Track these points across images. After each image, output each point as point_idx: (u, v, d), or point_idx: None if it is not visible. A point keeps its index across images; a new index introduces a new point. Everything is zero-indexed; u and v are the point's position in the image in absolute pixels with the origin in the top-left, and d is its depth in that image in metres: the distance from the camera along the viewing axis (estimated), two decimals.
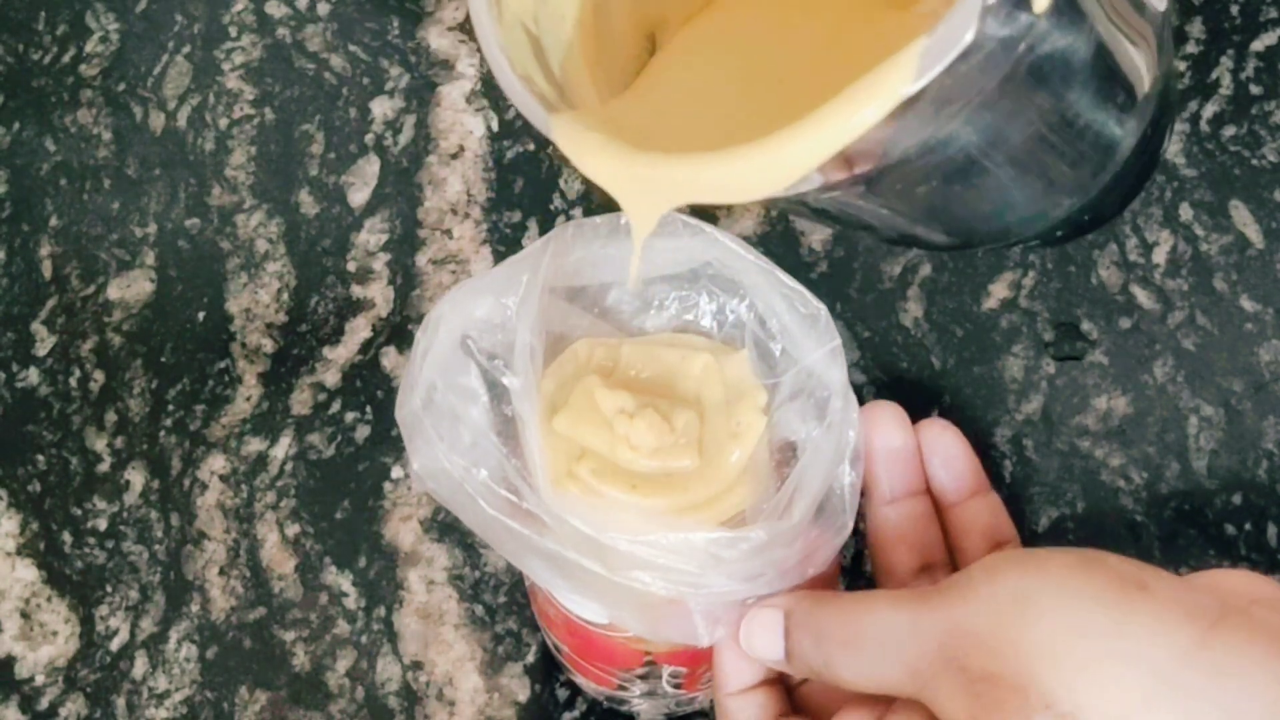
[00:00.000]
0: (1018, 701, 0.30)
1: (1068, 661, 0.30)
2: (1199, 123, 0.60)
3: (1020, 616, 0.31)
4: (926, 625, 0.33)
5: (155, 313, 0.58)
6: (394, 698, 0.51)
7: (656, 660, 0.44)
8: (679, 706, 0.49)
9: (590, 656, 0.45)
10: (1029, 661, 0.30)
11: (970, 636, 0.32)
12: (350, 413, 0.56)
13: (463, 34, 0.63)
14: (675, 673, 0.45)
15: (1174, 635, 0.30)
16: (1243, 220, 0.58)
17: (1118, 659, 0.30)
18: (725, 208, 0.59)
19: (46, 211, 0.60)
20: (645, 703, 0.49)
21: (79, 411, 0.56)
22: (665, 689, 0.46)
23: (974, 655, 0.31)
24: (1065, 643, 0.30)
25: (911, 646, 0.33)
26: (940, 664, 0.32)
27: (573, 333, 0.41)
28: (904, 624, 0.33)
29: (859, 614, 0.35)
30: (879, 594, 0.35)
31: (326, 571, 0.53)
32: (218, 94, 0.63)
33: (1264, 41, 0.62)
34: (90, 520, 0.54)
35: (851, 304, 0.57)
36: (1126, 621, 0.30)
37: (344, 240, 0.59)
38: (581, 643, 0.44)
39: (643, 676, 0.46)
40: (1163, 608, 0.30)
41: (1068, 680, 0.30)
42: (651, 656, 0.44)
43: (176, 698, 0.51)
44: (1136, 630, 0.30)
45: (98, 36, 0.64)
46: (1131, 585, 0.31)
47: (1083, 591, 0.31)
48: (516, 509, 0.36)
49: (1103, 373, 0.55)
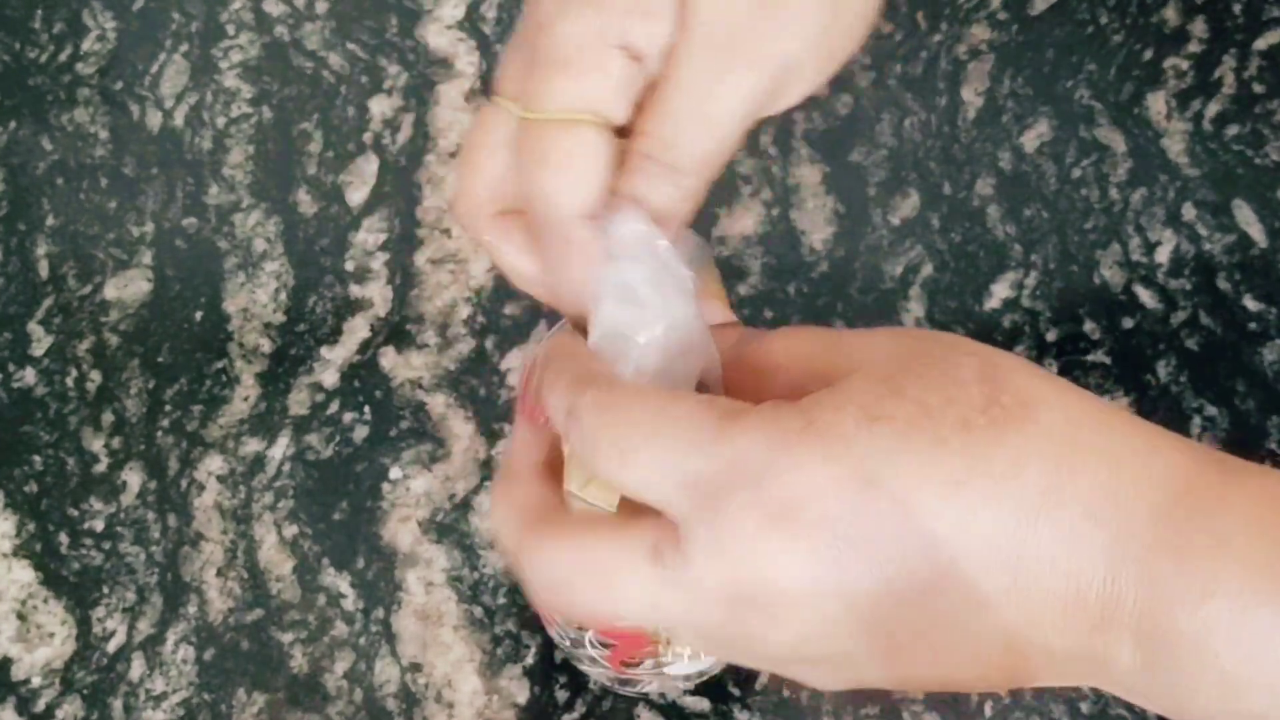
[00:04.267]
0: (943, 349, 0.33)
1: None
2: (1202, 122, 0.60)
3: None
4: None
5: (152, 312, 0.58)
6: (392, 699, 0.51)
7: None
8: (624, 685, 0.50)
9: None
10: (959, 338, 0.34)
11: (912, 329, 0.36)
12: (348, 413, 0.56)
13: (461, 32, 0.63)
14: (598, 638, 0.46)
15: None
16: (1246, 220, 0.58)
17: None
18: (725, 206, 0.59)
19: (43, 211, 0.60)
20: (593, 668, 0.49)
21: (76, 412, 0.56)
22: (592, 653, 0.47)
23: (913, 332, 0.34)
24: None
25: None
26: (872, 332, 0.34)
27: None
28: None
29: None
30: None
31: (324, 573, 0.53)
32: (215, 92, 0.62)
33: (1267, 40, 0.62)
34: (87, 521, 0.54)
35: (853, 304, 0.57)
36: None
37: (342, 239, 0.59)
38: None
39: (575, 641, 0.47)
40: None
41: (987, 346, 0.34)
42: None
43: (174, 699, 0.51)
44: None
45: (95, 35, 0.64)
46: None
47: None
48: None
49: (1105, 373, 0.55)
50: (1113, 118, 0.60)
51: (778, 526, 0.31)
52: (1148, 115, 0.60)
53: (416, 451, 0.55)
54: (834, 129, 0.61)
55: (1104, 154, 0.60)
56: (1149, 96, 0.61)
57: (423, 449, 0.55)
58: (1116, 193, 0.59)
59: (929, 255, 0.58)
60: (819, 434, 0.31)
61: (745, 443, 0.31)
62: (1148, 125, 0.60)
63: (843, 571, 0.31)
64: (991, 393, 0.31)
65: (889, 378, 0.32)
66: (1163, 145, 0.60)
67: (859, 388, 0.32)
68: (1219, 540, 0.30)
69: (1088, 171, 0.59)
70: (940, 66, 0.62)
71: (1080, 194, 0.59)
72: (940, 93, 0.61)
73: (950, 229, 0.59)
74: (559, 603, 0.35)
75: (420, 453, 0.55)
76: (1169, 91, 0.61)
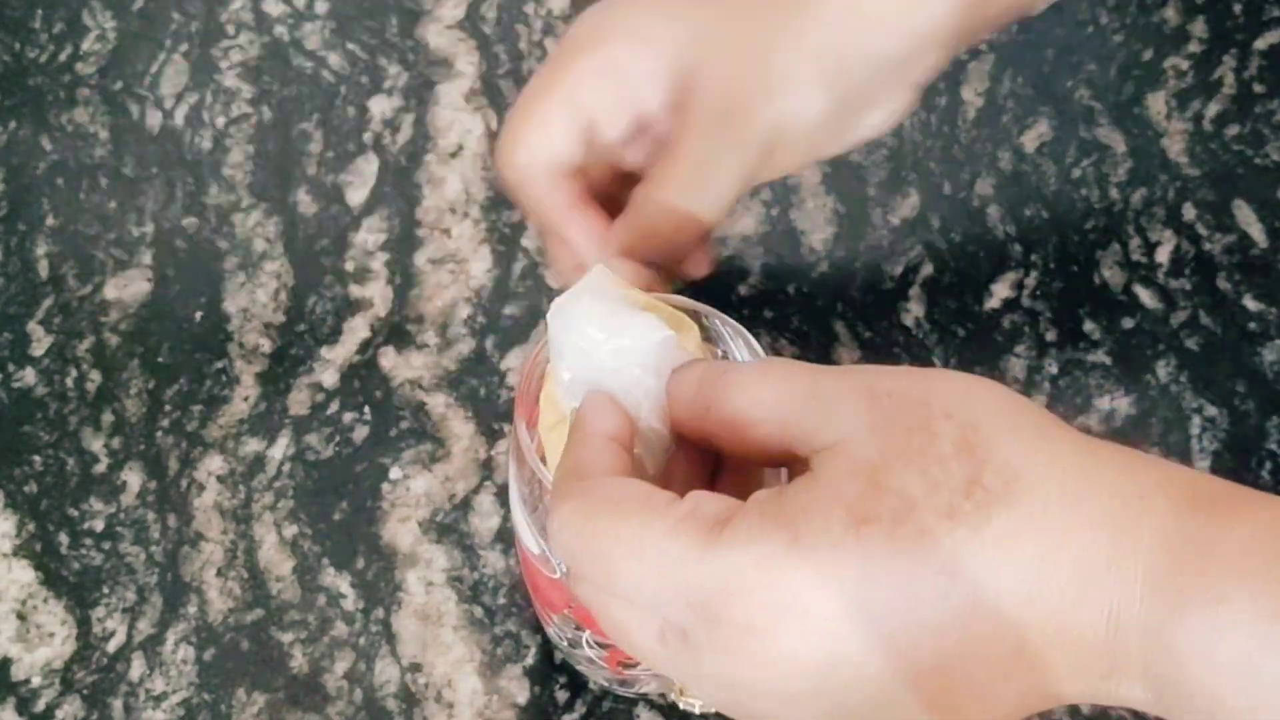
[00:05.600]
0: (921, 412, 0.32)
1: (962, 380, 0.34)
2: (1202, 122, 0.60)
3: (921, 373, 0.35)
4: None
5: (152, 312, 0.58)
6: (392, 700, 0.51)
7: (574, 615, 0.46)
8: (623, 686, 0.50)
9: (535, 590, 0.48)
10: (929, 381, 0.34)
11: (875, 371, 0.35)
12: (348, 413, 0.56)
13: (461, 32, 0.63)
14: (595, 639, 0.47)
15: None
16: (1246, 220, 0.58)
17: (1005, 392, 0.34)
18: None
19: (43, 211, 0.60)
20: (591, 669, 0.50)
21: (75, 412, 0.56)
22: (589, 653, 0.48)
23: (880, 380, 0.34)
24: (961, 377, 0.35)
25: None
26: (848, 389, 0.34)
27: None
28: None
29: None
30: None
31: (324, 573, 0.53)
32: (215, 92, 0.62)
33: (1267, 40, 0.62)
34: (87, 521, 0.54)
35: (853, 304, 0.57)
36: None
37: (342, 239, 0.59)
38: (528, 573, 0.47)
39: (572, 642, 0.48)
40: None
41: (963, 394, 0.33)
42: (570, 610, 0.46)
43: (174, 699, 0.51)
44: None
45: (95, 35, 0.64)
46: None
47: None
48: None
49: (1105, 373, 0.55)
50: (1113, 118, 0.60)
51: (781, 633, 0.32)
52: (1148, 115, 0.60)
53: (416, 451, 0.55)
54: None
55: (1104, 154, 0.60)
56: (1149, 96, 0.61)
57: (423, 449, 0.55)
58: (1116, 193, 0.59)
59: (929, 255, 0.58)
60: (808, 549, 0.31)
61: (735, 562, 0.32)
62: (1148, 125, 0.60)
63: (864, 654, 0.31)
64: (974, 471, 0.32)
65: (870, 470, 0.32)
66: (1163, 145, 0.60)
67: (841, 486, 0.32)
68: (1216, 597, 0.30)
69: (1088, 171, 0.59)
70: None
71: (1080, 194, 0.59)
72: (940, 93, 0.61)
73: (950, 229, 0.59)
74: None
75: (420, 453, 0.55)
76: (1169, 91, 0.61)
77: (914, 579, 0.31)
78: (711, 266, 0.48)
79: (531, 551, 0.44)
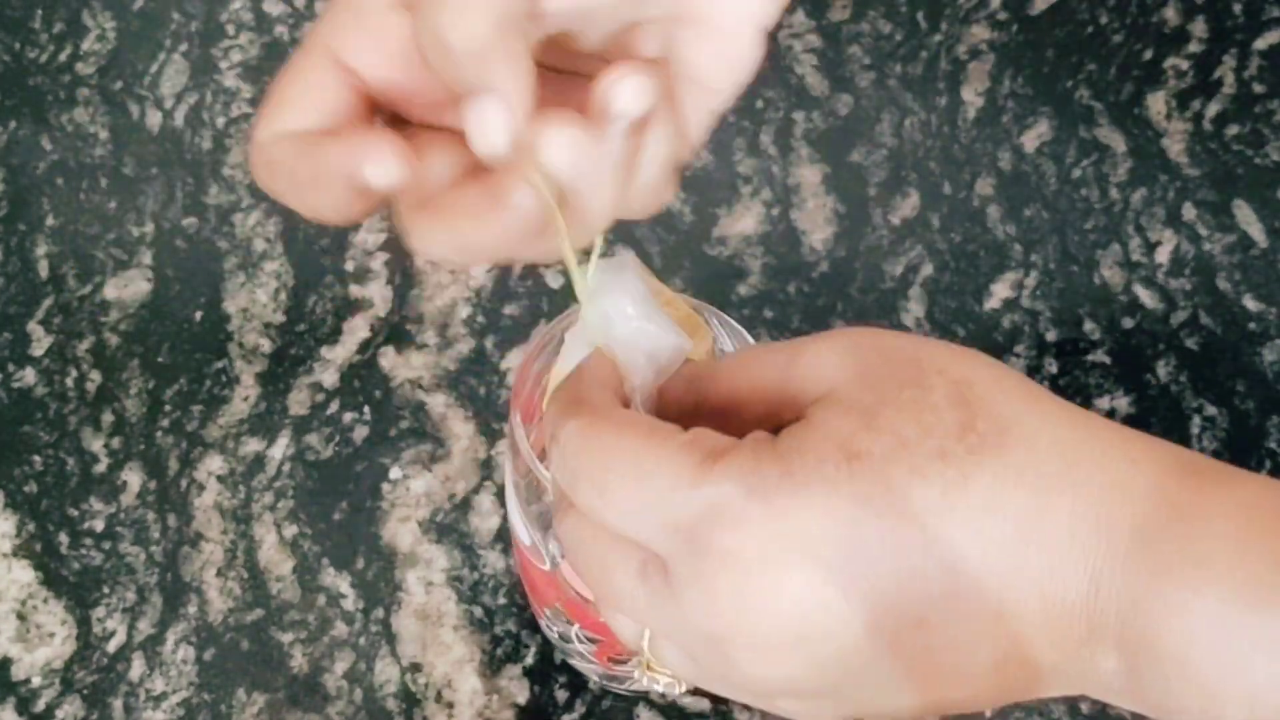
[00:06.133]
0: (912, 369, 0.32)
1: (951, 345, 0.34)
2: (1202, 122, 0.60)
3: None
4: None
5: (152, 312, 0.58)
6: (392, 699, 0.51)
7: (565, 609, 0.46)
8: (613, 682, 0.50)
9: (528, 584, 0.48)
10: (916, 342, 0.34)
11: (858, 330, 0.35)
12: (348, 413, 0.56)
13: None
14: (585, 633, 0.47)
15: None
16: (1246, 219, 0.58)
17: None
18: (725, 206, 0.59)
19: (43, 211, 0.60)
20: (584, 664, 0.50)
21: (75, 412, 0.56)
22: (580, 648, 0.48)
23: (865, 337, 0.34)
24: (948, 343, 0.34)
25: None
26: (833, 346, 0.34)
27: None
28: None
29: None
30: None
31: (324, 573, 0.53)
32: (215, 92, 0.62)
33: (1267, 40, 0.62)
34: (87, 521, 0.54)
35: (853, 304, 0.57)
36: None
37: (342, 239, 0.59)
38: (522, 566, 0.47)
39: (563, 636, 0.48)
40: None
41: (954, 355, 0.33)
42: (560, 604, 0.46)
43: (174, 699, 0.51)
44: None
45: (94, 35, 0.64)
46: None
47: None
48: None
49: (1105, 372, 0.55)
50: (1113, 118, 0.60)
51: (765, 570, 0.31)
52: (1148, 115, 0.60)
53: (416, 451, 0.55)
54: (834, 129, 0.61)
55: (1104, 154, 0.60)
56: (1149, 96, 0.61)
57: (423, 449, 0.55)
58: (1116, 193, 0.59)
59: (929, 255, 0.58)
60: (800, 483, 0.31)
61: (725, 489, 0.32)
62: (1148, 125, 0.60)
63: (845, 601, 0.31)
64: (967, 419, 0.32)
65: (863, 409, 0.32)
66: (1163, 145, 0.60)
67: (834, 424, 0.32)
68: (1198, 559, 0.30)
69: (1088, 171, 0.59)
70: (940, 66, 0.62)
71: (1080, 194, 0.59)
72: (940, 93, 0.61)
73: (950, 229, 0.59)
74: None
75: (420, 453, 0.55)
76: (1169, 91, 0.61)
77: (902, 518, 0.31)
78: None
79: (524, 543, 0.44)
